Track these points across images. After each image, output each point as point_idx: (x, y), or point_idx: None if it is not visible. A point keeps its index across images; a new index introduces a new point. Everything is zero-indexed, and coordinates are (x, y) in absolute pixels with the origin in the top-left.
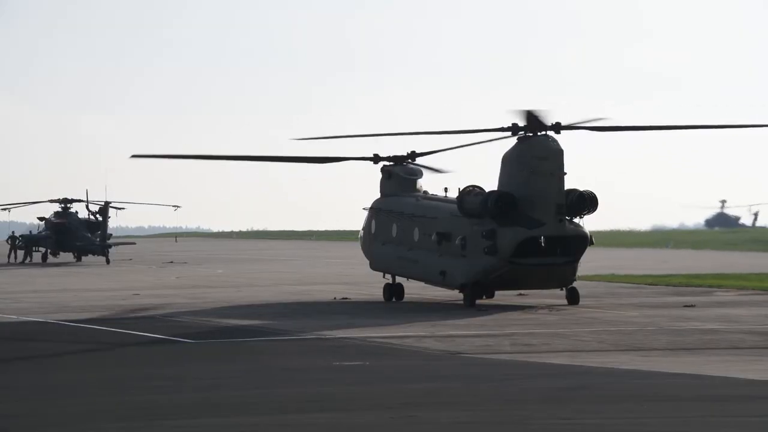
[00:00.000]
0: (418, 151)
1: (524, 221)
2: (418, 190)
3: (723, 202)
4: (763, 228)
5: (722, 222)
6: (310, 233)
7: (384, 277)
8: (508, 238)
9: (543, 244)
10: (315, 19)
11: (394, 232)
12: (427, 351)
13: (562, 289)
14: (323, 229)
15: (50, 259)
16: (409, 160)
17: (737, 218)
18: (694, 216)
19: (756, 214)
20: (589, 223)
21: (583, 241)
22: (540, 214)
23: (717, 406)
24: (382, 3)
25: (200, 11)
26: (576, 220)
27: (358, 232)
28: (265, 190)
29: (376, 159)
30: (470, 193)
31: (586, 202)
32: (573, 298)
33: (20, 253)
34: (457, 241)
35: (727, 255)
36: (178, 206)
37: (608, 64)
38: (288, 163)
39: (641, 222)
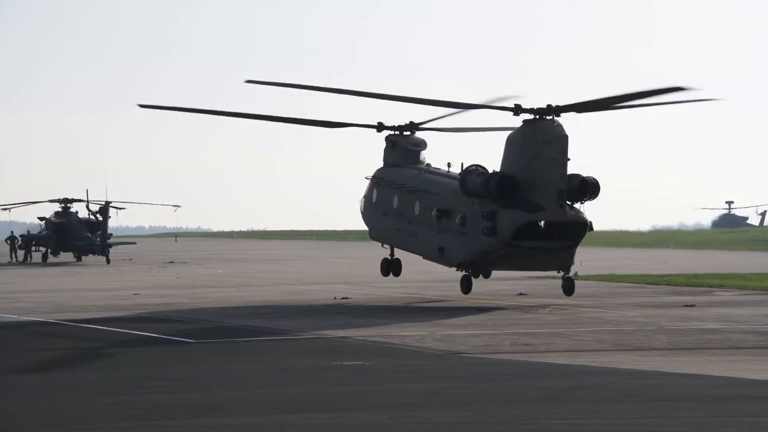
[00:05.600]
0: (423, 128)
1: (525, 205)
2: (422, 162)
3: (729, 203)
4: (767, 228)
5: (729, 223)
6: (310, 233)
7: (383, 246)
8: (508, 221)
9: (542, 226)
10: (317, 18)
11: (394, 204)
12: (427, 351)
13: (559, 272)
14: (323, 229)
15: (50, 258)
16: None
17: (744, 219)
18: (700, 217)
19: (763, 214)
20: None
21: (582, 227)
22: (541, 199)
23: (717, 406)
24: (385, 4)
25: (203, 12)
26: (577, 205)
27: (358, 231)
28: (265, 190)
29: (379, 127)
30: (473, 172)
31: (588, 188)
32: (568, 288)
33: (20, 252)
34: (457, 219)
35: (727, 255)
36: (178, 206)
37: (612, 65)
38: (293, 124)
39: (641, 222)
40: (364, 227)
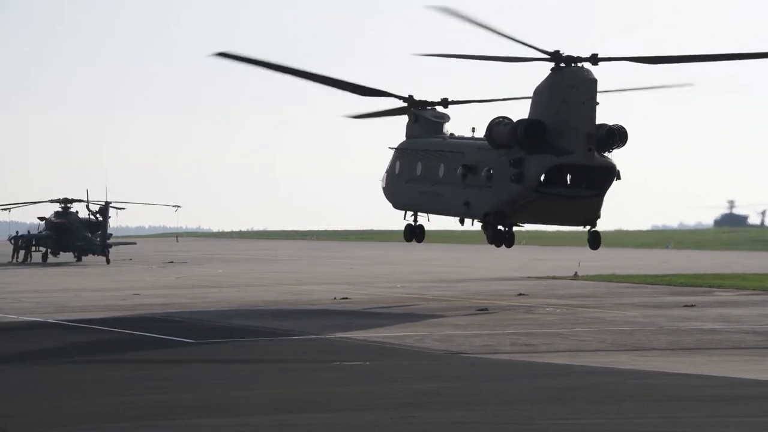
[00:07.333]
0: (450, 100)
1: (553, 149)
2: (444, 134)
3: (731, 202)
4: (765, 228)
5: (731, 222)
6: (310, 233)
7: (404, 218)
8: (535, 166)
9: (570, 176)
10: (318, 18)
11: (418, 171)
12: (427, 351)
13: (585, 227)
14: (323, 229)
15: (50, 259)
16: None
17: (745, 218)
18: (701, 217)
19: (764, 213)
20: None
21: (610, 172)
22: (569, 143)
23: (717, 406)
24: (385, 4)
25: (203, 12)
26: (606, 154)
27: (358, 231)
28: (265, 190)
29: (410, 100)
30: (499, 123)
31: (616, 136)
32: (594, 241)
33: (20, 252)
34: (483, 173)
35: (727, 255)
36: (178, 206)
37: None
38: (330, 87)
39: (641, 222)
40: (364, 227)
